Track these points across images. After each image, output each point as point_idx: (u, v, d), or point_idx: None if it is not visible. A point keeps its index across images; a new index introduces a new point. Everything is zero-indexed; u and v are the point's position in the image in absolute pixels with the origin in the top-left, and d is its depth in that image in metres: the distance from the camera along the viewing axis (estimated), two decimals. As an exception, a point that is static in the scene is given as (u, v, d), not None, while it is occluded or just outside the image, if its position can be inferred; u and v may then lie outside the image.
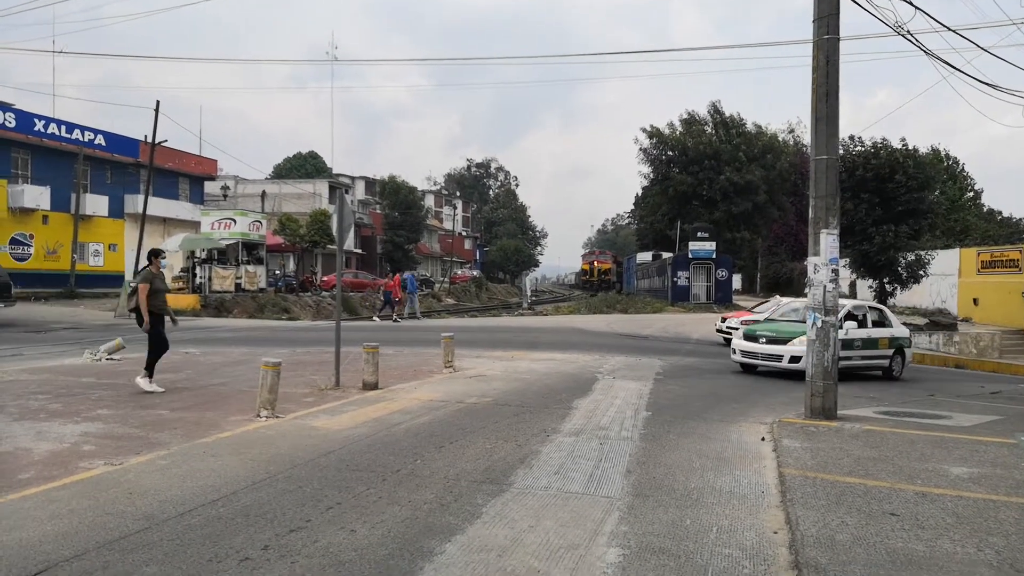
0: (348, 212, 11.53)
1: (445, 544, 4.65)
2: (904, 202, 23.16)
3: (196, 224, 38.20)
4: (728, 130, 53.02)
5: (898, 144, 24.54)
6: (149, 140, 34.08)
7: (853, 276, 28.18)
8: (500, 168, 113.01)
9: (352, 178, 71.12)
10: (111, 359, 13.72)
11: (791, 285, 53.97)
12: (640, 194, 65.18)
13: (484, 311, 43.32)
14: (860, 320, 14.47)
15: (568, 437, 7.84)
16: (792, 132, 60.36)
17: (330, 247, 40.84)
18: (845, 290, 40.81)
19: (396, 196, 60.71)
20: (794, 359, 13.31)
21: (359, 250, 58.87)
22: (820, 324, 8.91)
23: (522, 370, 13.47)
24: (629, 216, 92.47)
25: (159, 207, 39.40)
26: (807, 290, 9.28)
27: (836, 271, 9.01)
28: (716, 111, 54.64)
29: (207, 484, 5.84)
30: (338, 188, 55.58)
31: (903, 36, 10.56)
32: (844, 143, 24.55)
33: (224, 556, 4.39)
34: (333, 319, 11.32)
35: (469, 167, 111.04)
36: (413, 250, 63.47)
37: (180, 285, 33.15)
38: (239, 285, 32.87)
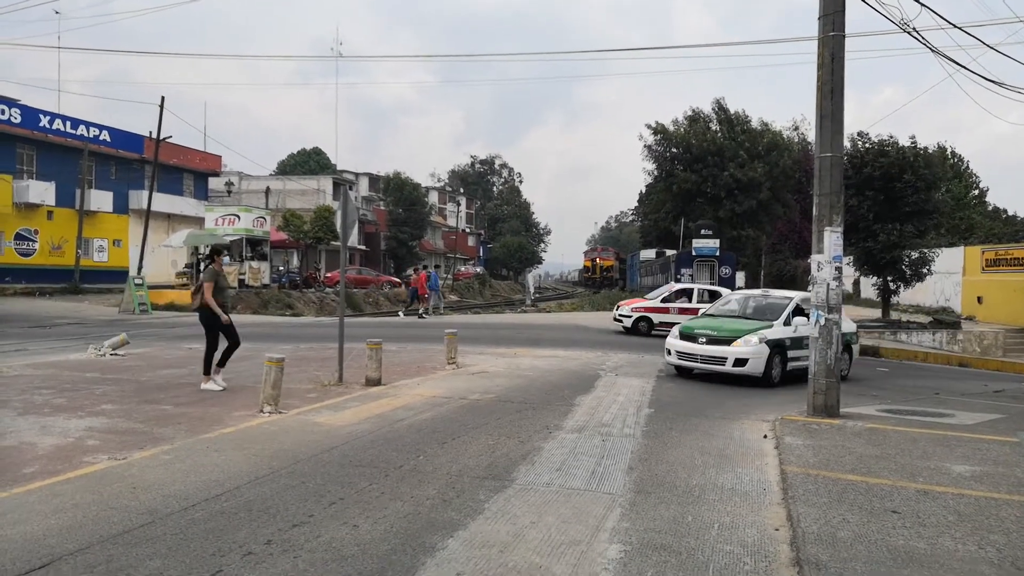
0: (352, 209, 11.55)
1: (447, 540, 4.66)
2: (912, 203, 23.03)
3: (200, 220, 38.26)
4: (732, 127, 52.85)
5: (907, 142, 24.34)
6: (154, 136, 34.15)
7: (857, 274, 28.13)
8: (504, 165, 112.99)
9: (356, 174, 71.14)
10: (115, 354, 13.77)
11: (795, 282, 53.84)
12: (644, 191, 65.06)
13: (487, 308, 43.34)
14: (807, 313, 12.07)
15: (570, 434, 7.85)
16: (797, 129, 60.15)
17: (334, 243, 40.87)
18: (849, 288, 40.73)
19: (400, 193, 60.75)
20: (739, 362, 11.98)
21: (363, 246, 58.92)
22: (823, 321, 8.90)
23: (525, 367, 13.49)
24: (633, 213, 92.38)
25: (163, 203, 39.50)
26: (810, 287, 9.28)
27: (839, 269, 9.00)
28: (721, 108, 54.46)
29: (210, 479, 5.86)
30: (342, 184, 55.65)
31: (909, 33, 10.53)
32: (851, 139, 24.43)
33: (227, 550, 4.42)
34: (336, 315, 11.33)
35: (473, 164, 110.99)
36: (416, 247, 63.53)
37: (184, 281, 33.26)
38: (243, 281, 32.94)
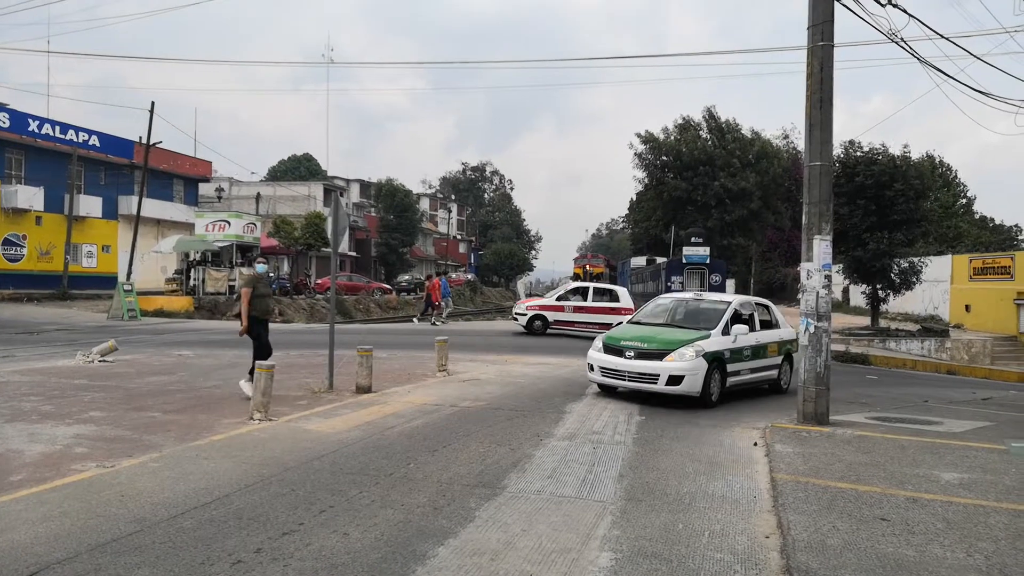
0: (342, 215, 11.54)
1: (438, 548, 4.65)
2: (901, 211, 23.19)
3: (190, 226, 38.10)
4: (723, 135, 53.14)
5: (898, 151, 24.54)
6: (144, 141, 34.02)
7: (847, 282, 28.30)
8: (495, 172, 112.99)
9: (347, 181, 71.00)
10: (104, 361, 13.68)
11: (784, 290, 54.11)
12: (634, 199, 65.24)
13: (478, 314, 43.32)
14: (747, 320, 11.65)
15: (561, 441, 7.85)
16: (787, 138, 60.57)
17: (324, 250, 40.79)
18: (838, 296, 40.95)
19: (391, 199, 60.69)
20: (673, 380, 10.12)
21: (353, 253, 58.81)
22: (812, 329, 8.95)
23: (516, 374, 13.48)
24: (623, 221, 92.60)
25: (153, 209, 39.33)
26: (800, 295, 9.32)
27: (829, 277, 9.06)
28: (711, 116, 54.75)
29: (200, 487, 5.83)
30: (333, 191, 55.51)
31: (897, 44, 10.63)
32: (843, 147, 24.59)
33: (216, 559, 4.39)
34: (327, 322, 11.32)
35: (464, 170, 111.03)
36: (407, 253, 63.44)
37: (174, 287, 33.10)
38: (233, 287, 32.81)
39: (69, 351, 15.07)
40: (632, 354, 10.55)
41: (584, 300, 22.83)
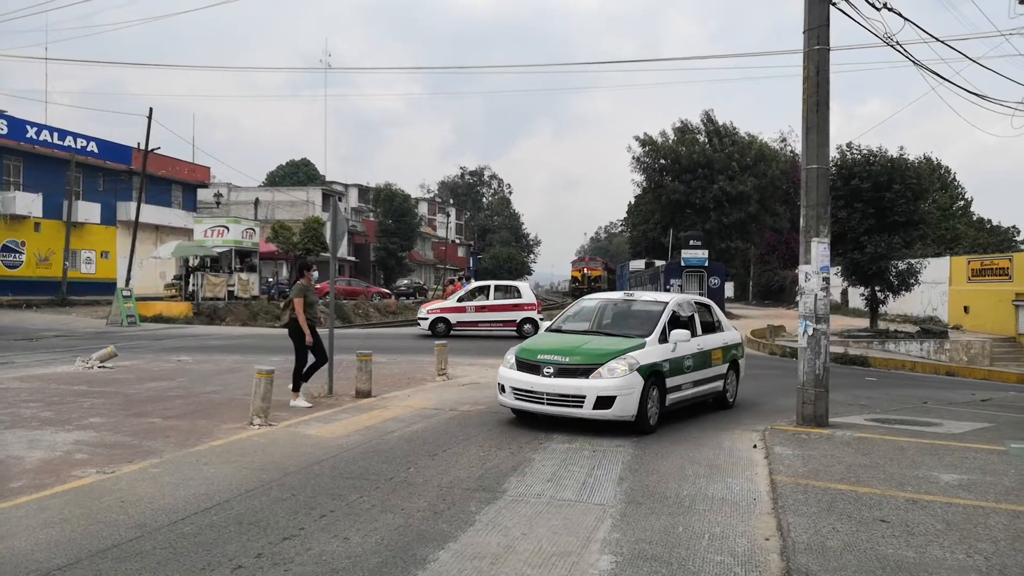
0: (341, 220, 11.56)
1: (438, 552, 4.66)
2: (899, 212, 23.21)
3: (189, 231, 38.10)
4: (721, 139, 53.29)
5: (895, 153, 24.58)
6: (142, 147, 34.05)
7: (845, 284, 28.33)
8: (494, 176, 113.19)
9: (345, 186, 71.07)
10: (103, 367, 13.67)
11: (783, 293, 54.14)
12: (633, 202, 65.34)
13: (477, 319, 43.25)
14: (687, 323, 9.85)
15: (561, 444, 7.86)
16: (784, 141, 60.75)
17: (323, 255, 40.80)
18: (837, 298, 41.00)
19: (390, 204, 60.74)
20: (603, 402, 8.16)
21: (352, 257, 58.81)
22: (811, 332, 8.96)
23: (515, 378, 13.46)
24: (622, 224, 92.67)
25: (152, 214, 39.34)
26: (798, 298, 9.34)
27: (827, 279, 9.07)
28: (709, 120, 54.92)
29: (200, 492, 5.83)
30: (331, 196, 55.60)
31: (893, 47, 10.66)
32: (840, 150, 24.63)
33: (217, 564, 4.40)
34: (326, 327, 11.35)
35: (463, 175, 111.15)
36: (406, 258, 63.47)
37: (173, 293, 33.08)
38: (232, 292, 32.81)
39: (68, 357, 15.06)
40: (551, 371, 8.52)
41: (487, 299, 22.80)
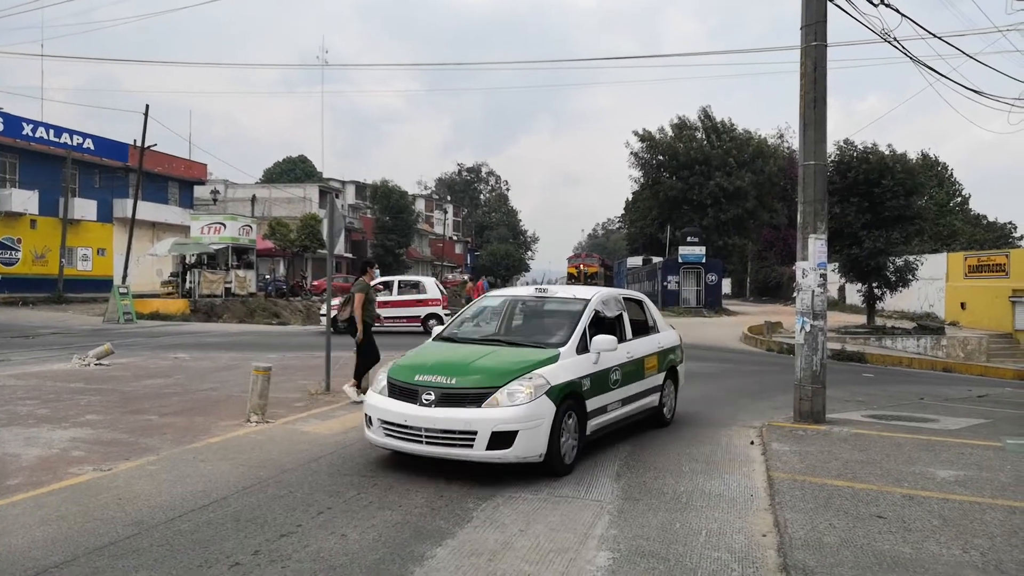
0: (338, 217, 11.54)
1: (436, 548, 4.66)
2: (892, 208, 23.28)
3: (186, 228, 38.05)
4: (719, 135, 53.31)
5: (886, 149, 24.68)
6: (138, 144, 33.97)
7: (842, 280, 28.37)
8: (491, 172, 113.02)
9: (342, 182, 70.94)
10: (100, 364, 13.65)
11: (780, 289, 54.23)
12: (630, 199, 65.36)
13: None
14: (612, 325, 7.88)
15: (558, 441, 7.85)
16: (781, 137, 60.78)
17: (320, 251, 40.79)
18: (834, 294, 41.07)
19: (387, 200, 60.70)
20: (501, 439, 6.02)
21: (349, 254, 58.78)
22: (808, 328, 8.97)
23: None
24: (619, 221, 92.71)
25: (148, 211, 39.25)
26: (796, 294, 9.35)
27: (824, 276, 9.08)
28: (707, 116, 54.92)
29: (197, 489, 5.83)
30: (328, 193, 55.45)
31: (890, 43, 10.66)
32: (837, 146, 24.70)
33: (214, 561, 4.39)
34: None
35: (460, 171, 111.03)
36: (404, 254, 63.43)
37: (169, 290, 33.06)
38: (229, 289, 32.79)
39: (65, 355, 15.04)
40: (431, 397, 6.20)
41: (390, 294, 22.80)
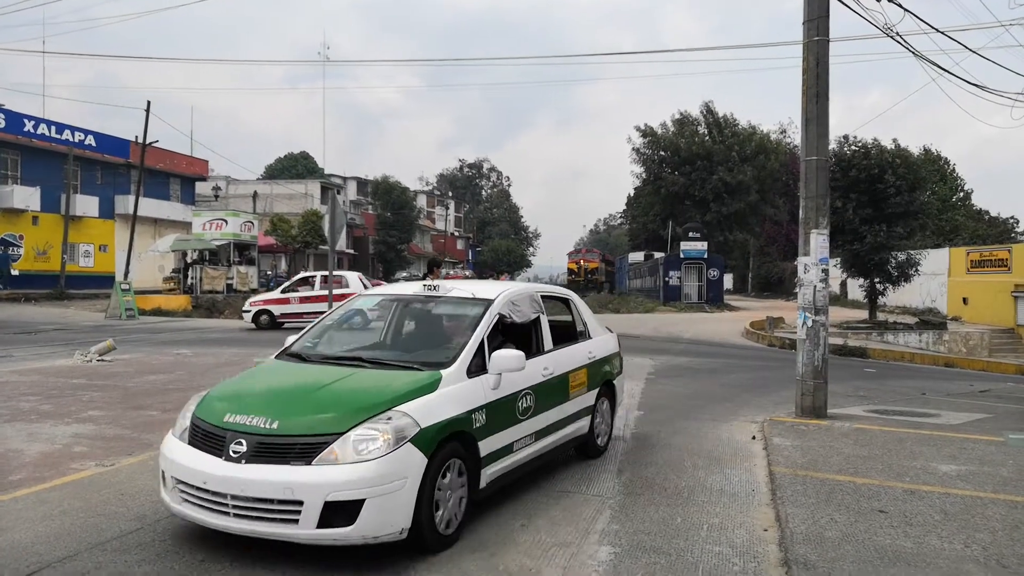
0: (340, 213, 11.56)
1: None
2: (895, 203, 23.24)
3: (187, 225, 38.08)
4: (721, 130, 53.18)
5: (889, 144, 24.63)
6: (140, 141, 33.98)
7: (844, 275, 28.34)
8: (492, 168, 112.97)
9: (344, 178, 70.97)
10: (102, 360, 13.67)
11: (782, 284, 54.19)
12: (632, 194, 65.27)
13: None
14: (524, 332, 6.06)
15: (560, 436, 7.86)
16: (784, 132, 60.66)
17: (322, 248, 40.78)
18: (836, 289, 41.01)
19: (388, 196, 60.70)
20: (336, 512, 4.06)
21: (351, 250, 58.78)
22: (810, 323, 8.96)
23: (514, 370, 13.47)
24: (621, 216, 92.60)
25: (150, 208, 39.27)
26: (798, 290, 9.34)
27: (826, 271, 9.07)
28: (709, 111, 54.77)
29: (199, 485, 5.83)
30: (330, 189, 55.47)
31: (892, 38, 10.64)
32: (838, 142, 24.66)
33: (218, 556, 4.40)
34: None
35: (461, 167, 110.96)
36: (405, 250, 63.44)
37: (171, 286, 33.09)
38: (230, 286, 32.82)
39: (67, 351, 15.06)
40: (242, 448, 4.31)
41: (312, 289, 22.78)
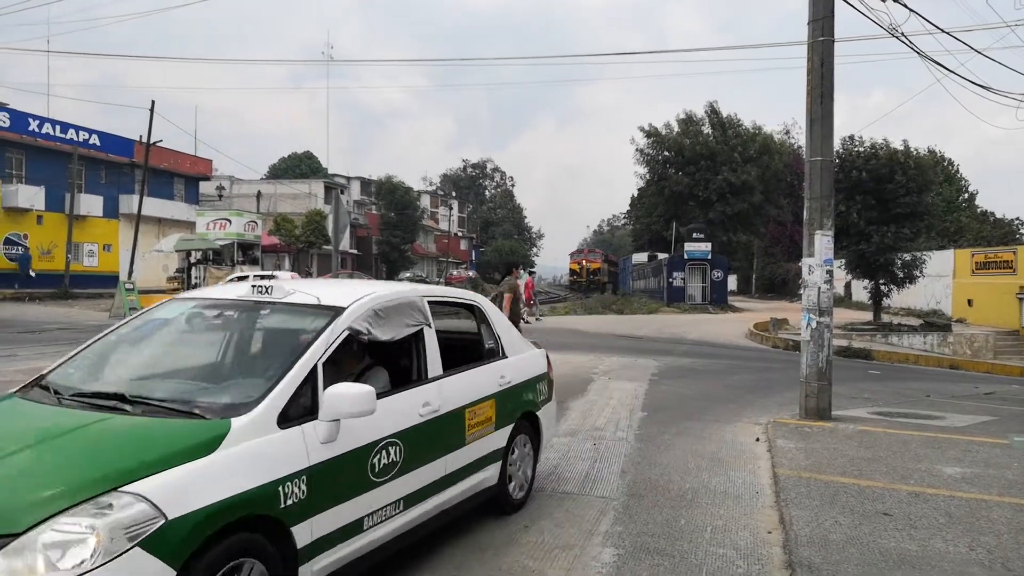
0: (343, 213, 11.58)
1: (442, 546, 4.65)
2: (903, 205, 23.17)
3: (191, 224, 38.14)
4: (725, 130, 53.08)
5: (899, 145, 24.53)
6: (144, 140, 34.03)
7: (848, 277, 28.29)
8: (496, 169, 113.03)
9: (348, 178, 71.04)
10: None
11: (786, 285, 54.08)
12: (636, 195, 65.23)
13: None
14: (397, 353, 4.68)
15: (563, 438, 7.85)
16: (788, 133, 60.56)
17: (325, 247, 40.82)
18: (840, 291, 40.87)
19: (392, 196, 60.74)
20: None
21: (354, 250, 58.82)
22: (815, 325, 8.94)
23: (518, 371, 13.46)
24: (625, 217, 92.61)
25: (154, 207, 39.33)
26: (802, 291, 9.31)
27: (830, 272, 9.05)
28: (713, 111, 54.66)
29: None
30: (333, 189, 55.51)
31: (897, 38, 10.61)
32: (843, 142, 24.58)
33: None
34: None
35: (465, 167, 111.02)
36: (409, 250, 63.48)
37: (175, 285, 33.14)
38: (234, 285, 32.86)
39: (71, 350, 15.07)
40: None
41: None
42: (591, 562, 4.43)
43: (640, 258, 57.01)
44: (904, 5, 10.37)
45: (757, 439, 7.99)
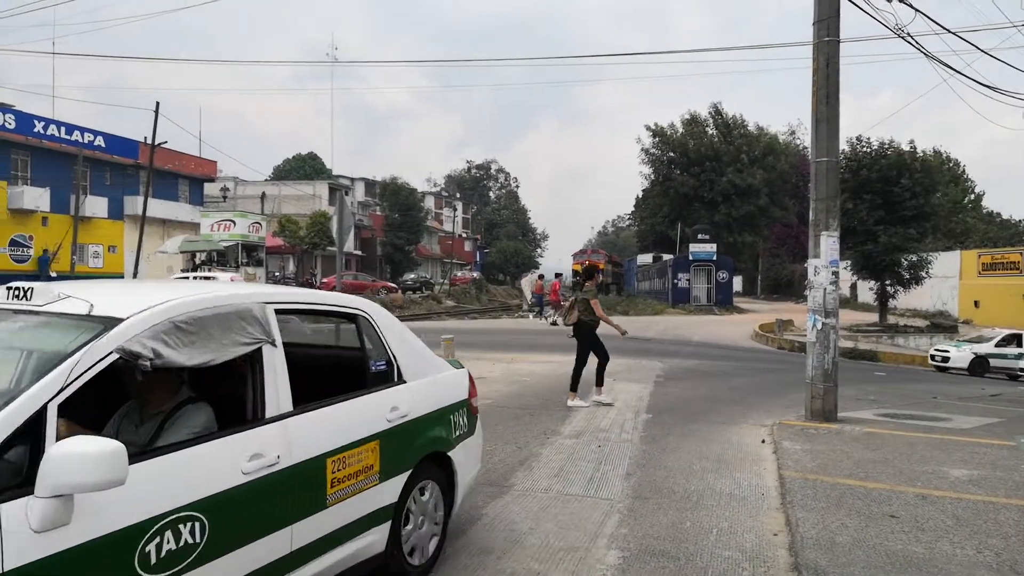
0: (348, 214, 11.57)
1: (445, 547, 4.64)
2: (911, 206, 23.15)
3: (196, 226, 38.22)
4: (730, 131, 53.07)
5: (906, 146, 24.53)
6: (149, 141, 34.12)
7: (854, 278, 28.22)
8: (500, 170, 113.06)
9: (352, 179, 71.15)
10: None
11: (792, 287, 54.02)
12: (641, 195, 65.22)
13: (484, 313, 43.31)
14: (227, 386, 3.54)
15: (568, 439, 7.84)
16: (793, 134, 60.52)
17: (330, 249, 40.90)
18: (846, 292, 40.80)
19: (396, 198, 60.82)
20: None
21: (359, 252, 58.90)
22: (820, 326, 8.90)
23: (522, 372, 13.47)
24: (630, 218, 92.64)
25: (159, 209, 39.42)
26: (807, 292, 9.29)
27: (836, 273, 9.01)
28: (717, 112, 54.67)
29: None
30: (338, 190, 55.67)
31: (903, 39, 10.56)
32: (849, 142, 24.59)
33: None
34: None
35: (469, 169, 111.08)
36: (413, 252, 63.54)
37: (180, 286, 33.22)
38: (238, 286, 32.93)
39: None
40: None
41: None
42: (596, 564, 4.41)
43: (645, 259, 56.96)
44: (910, 5, 10.32)
45: (763, 441, 7.96)
